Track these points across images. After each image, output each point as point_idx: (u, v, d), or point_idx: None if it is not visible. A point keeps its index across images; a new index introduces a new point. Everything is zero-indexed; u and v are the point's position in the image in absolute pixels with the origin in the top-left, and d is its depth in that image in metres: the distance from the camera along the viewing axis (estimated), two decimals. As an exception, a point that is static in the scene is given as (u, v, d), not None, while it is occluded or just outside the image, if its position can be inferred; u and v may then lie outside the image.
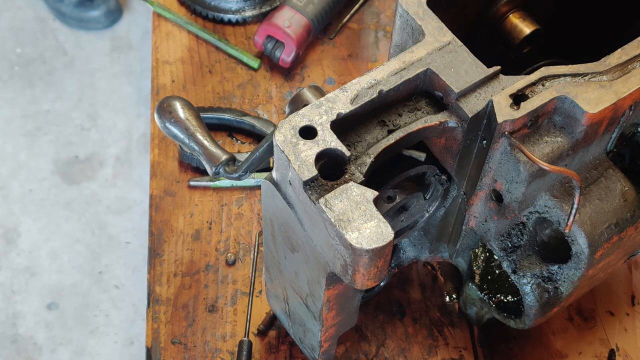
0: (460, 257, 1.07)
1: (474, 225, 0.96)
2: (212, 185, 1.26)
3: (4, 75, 2.18)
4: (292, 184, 0.78)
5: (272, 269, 1.00)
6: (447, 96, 0.82)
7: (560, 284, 0.95)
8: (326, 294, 0.87)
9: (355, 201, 0.74)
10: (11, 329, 1.85)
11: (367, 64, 1.39)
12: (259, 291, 1.18)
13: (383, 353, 1.15)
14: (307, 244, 0.83)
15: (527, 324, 1.00)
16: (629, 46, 0.84)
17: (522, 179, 0.83)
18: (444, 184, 0.92)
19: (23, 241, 1.96)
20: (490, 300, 1.07)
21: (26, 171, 2.05)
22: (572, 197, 0.86)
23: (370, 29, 1.44)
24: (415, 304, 1.18)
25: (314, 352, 1.03)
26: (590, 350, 1.16)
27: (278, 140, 0.76)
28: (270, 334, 1.15)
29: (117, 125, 2.11)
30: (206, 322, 1.16)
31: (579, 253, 0.90)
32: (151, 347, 1.14)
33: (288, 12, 1.35)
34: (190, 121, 0.96)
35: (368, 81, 0.80)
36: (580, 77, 0.82)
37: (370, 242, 0.72)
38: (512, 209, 0.88)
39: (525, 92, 0.81)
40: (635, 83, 0.82)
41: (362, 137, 0.81)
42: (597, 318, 1.18)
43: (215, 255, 1.21)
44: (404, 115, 0.82)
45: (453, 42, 0.84)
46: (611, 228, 0.90)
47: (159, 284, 1.19)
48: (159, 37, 1.40)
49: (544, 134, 0.83)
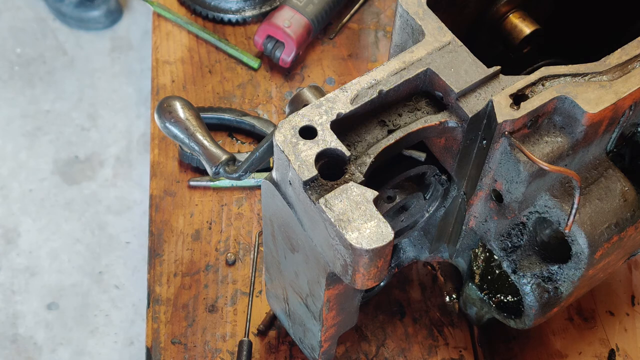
0: (460, 257, 1.07)
1: (474, 225, 0.96)
2: (212, 185, 1.26)
3: (4, 75, 2.18)
4: (292, 184, 0.78)
5: (272, 269, 1.00)
6: (447, 96, 0.82)
7: (560, 284, 0.95)
8: (326, 294, 0.87)
9: (355, 201, 0.74)
10: (11, 329, 1.85)
11: (367, 64, 1.39)
12: (259, 291, 1.18)
13: (383, 353, 1.15)
14: (307, 244, 0.83)
15: (527, 324, 1.00)
16: (629, 46, 0.84)
17: (522, 179, 0.83)
18: (444, 184, 0.92)
19: (23, 241, 1.96)
20: (490, 300, 1.07)
21: (26, 171, 2.05)
22: (572, 197, 0.86)
23: (370, 29, 1.44)
24: (415, 304, 1.18)
25: (314, 352, 1.03)
26: (590, 350, 1.16)
27: (278, 140, 0.76)
28: (270, 334, 1.15)
29: (117, 125, 2.11)
30: (206, 322, 1.16)
31: (579, 253, 0.90)
32: (151, 347, 1.14)
33: (288, 12, 1.35)
34: (190, 121, 0.96)
35: (368, 81, 0.80)
36: (580, 77, 0.82)
37: (370, 242, 0.72)
38: (512, 209, 0.88)
39: (525, 92, 0.81)
40: (635, 83, 0.82)
41: (362, 137, 0.81)
42: (597, 318, 1.18)
43: (215, 255, 1.21)
44: (404, 115, 0.82)
45: (453, 42, 0.84)
46: (611, 228, 0.90)
47: (159, 284, 1.19)
48: (159, 37, 1.40)
49: (544, 134, 0.83)
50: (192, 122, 0.96)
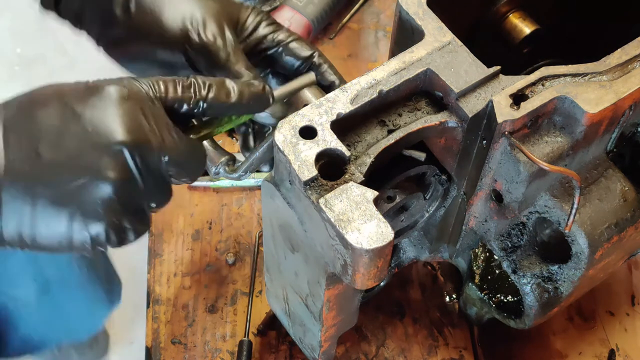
0: (460, 257, 1.07)
1: (474, 225, 0.96)
2: (212, 185, 1.26)
3: (4, 75, 2.18)
4: (292, 184, 0.78)
5: (272, 269, 1.00)
6: (447, 96, 0.82)
7: (560, 284, 0.95)
8: (326, 294, 0.87)
9: (355, 201, 0.74)
10: (11, 329, 1.85)
11: (367, 64, 1.39)
12: (259, 291, 1.18)
13: (383, 353, 1.15)
14: (307, 244, 0.83)
15: (527, 324, 1.00)
16: (629, 46, 0.84)
17: (522, 179, 0.83)
18: (444, 184, 0.92)
19: (23, 241, 1.95)
20: (490, 300, 1.07)
21: (26, 171, 2.05)
22: (572, 197, 0.85)
23: (370, 29, 1.44)
24: (415, 304, 1.18)
25: (314, 352, 1.03)
26: (590, 350, 1.16)
27: (278, 140, 0.76)
28: (270, 334, 1.16)
29: (117, 125, 2.11)
30: (206, 322, 1.16)
31: (579, 253, 0.90)
32: (151, 347, 1.14)
33: (288, 12, 1.35)
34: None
35: (368, 81, 0.80)
36: (580, 77, 0.82)
37: (370, 242, 0.72)
38: (512, 209, 0.88)
39: (525, 92, 0.81)
40: (635, 83, 0.82)
41: (362, 137, 0.81)
42: (597, 318, 1.18)
43: (215, 255, 1.21)
44: (404, 115, 0.82)
45: (453, 42, 0.84)
46: (611, 228, 0.90)
47: (159, 284, 1.19)
48: (159, 37, 1.40)
49: (544, 134, 0.83)
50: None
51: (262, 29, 0.92)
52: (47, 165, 0.71)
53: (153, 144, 0.74)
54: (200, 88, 0.79)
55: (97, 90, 0.75)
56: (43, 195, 0.71)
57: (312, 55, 0.93)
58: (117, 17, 0.90)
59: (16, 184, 0.70)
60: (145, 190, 0.75)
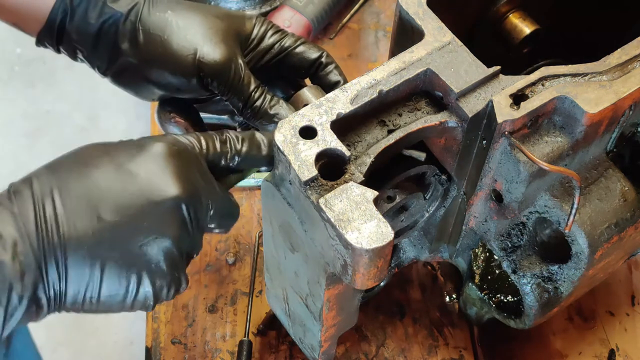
0: (460, 257, 1.07)
1: (474, 225, 0.97)
2: (212, 186, 1.26)
3: (4, 76, 2.19)
4: (292, 184, 0.78)
5: (272, 269, 1.00)
6: (447, 96, 0.82)
7: (560, 284, 0.95)
8: (326, 294, 0.88)
9: (355, 201, 0.74)
10: (11, 329, 1.85)
11: (367, 64, 1.39)
12: (259, 291, 1.18)
13: (383, 353, 1.15)
14: (307, 244, 0.83)
15: (527, 324, 1.00)
16: (629, 46, 0.84)
17: (522, 179, 0.83)
18: (444, 184, 0.92)
19: (23, 241, 1.95)
20: (490, 300, 1.07)
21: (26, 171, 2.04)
22: (572, 197, 0.86)
23: (370, 29, 1.44)
24: (415, 304, 1.18)
25: (314, 352, 1.03)
26: (590, 350, 1.16)
27: (278, 140, 0.76)
28: (270, 334, 1.16)
29: (117, 126, 2.12)
30: (206, 322, 1.16)
31: (579, 253, 0.90)
32: (151, 347, 1.14)
33: (288, 12, 1.35)
34: (190, 122, 0.96)
35: (368, 81, 0.80)
36: (580, 77, 0.82)
37: (370, 242, 0.72)
38: (512, 209, 0.88)
39: (525, 92, 0.81)
40: (635, 83, 0.82)
41: (362, 137, 0.81)
42: (597, 318, 1.18)
43: (215, 255, 1.21)
44: (404, 115, 0.82)
45: (453, 42, 0.84)
46: (611, 228, 0.90)
47: (159, 284, 1.19)
48: (159, 37, 1.40)
49: (544, 134, 0.83)
50: (192, 123, 0.96)
51: (268, 38, 0.94)
52: (110, 228, 0.72)
53: (203, 198, 0.77)
54: (235, 143, 0.82)
55: (146, 148, 0.76)
56: (109, 258, 0.72)
57: (321, 55, 0.95)
58: (124, 50, 0.90)
59: (81, 250, 0.71)
60: (193, 243, 0.78)
